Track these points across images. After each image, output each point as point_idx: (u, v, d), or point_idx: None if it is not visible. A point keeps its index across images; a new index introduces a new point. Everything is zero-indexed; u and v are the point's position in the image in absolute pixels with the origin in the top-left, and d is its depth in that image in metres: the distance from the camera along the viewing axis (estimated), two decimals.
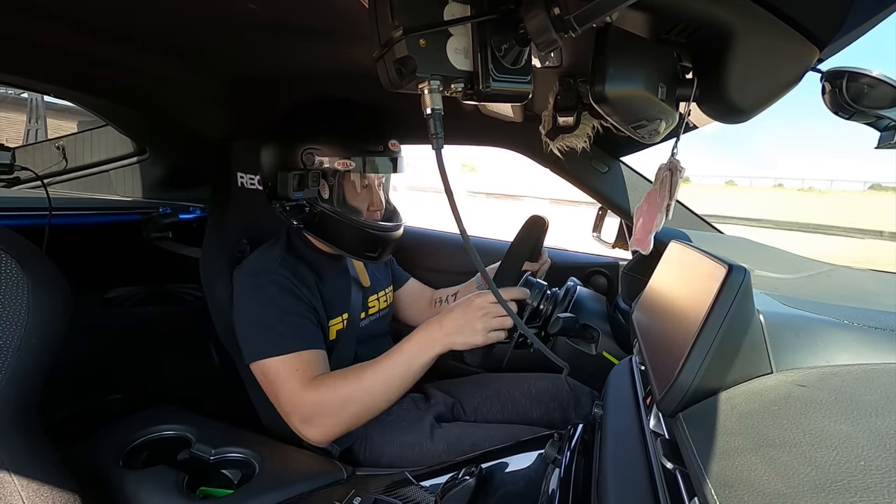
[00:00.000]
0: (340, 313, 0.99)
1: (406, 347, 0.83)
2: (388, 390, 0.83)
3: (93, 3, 0.72)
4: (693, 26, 0.53)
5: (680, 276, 0.54)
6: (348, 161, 0.89)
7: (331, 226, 0.94)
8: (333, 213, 0.93)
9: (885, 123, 0.54)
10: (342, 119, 0.94)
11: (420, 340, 0.83)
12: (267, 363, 0.86)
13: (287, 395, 0.84)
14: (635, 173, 1.14)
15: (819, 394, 0.36)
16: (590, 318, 0.82)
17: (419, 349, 0.82)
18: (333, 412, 0.82)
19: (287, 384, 0.84)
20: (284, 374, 0.84)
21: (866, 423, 0.32)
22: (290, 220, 0.94)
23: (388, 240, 0.99)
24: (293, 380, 0.83)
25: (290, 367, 0.85)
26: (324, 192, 0.93)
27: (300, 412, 0.83)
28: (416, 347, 0.82)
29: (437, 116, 0.43)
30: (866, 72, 0.51)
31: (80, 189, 1.78)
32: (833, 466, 0.28)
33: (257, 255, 0.97)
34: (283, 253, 0.95)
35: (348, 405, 0.82)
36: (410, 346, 0.83)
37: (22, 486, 0.58)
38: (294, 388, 0.83)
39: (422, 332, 0.83)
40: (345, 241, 0.96)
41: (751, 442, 0.33)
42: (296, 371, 0.84)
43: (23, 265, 0.60)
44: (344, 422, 0.83)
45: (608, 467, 0.47)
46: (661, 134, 0.62)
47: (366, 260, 1.00)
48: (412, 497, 0.69)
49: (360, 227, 0.94)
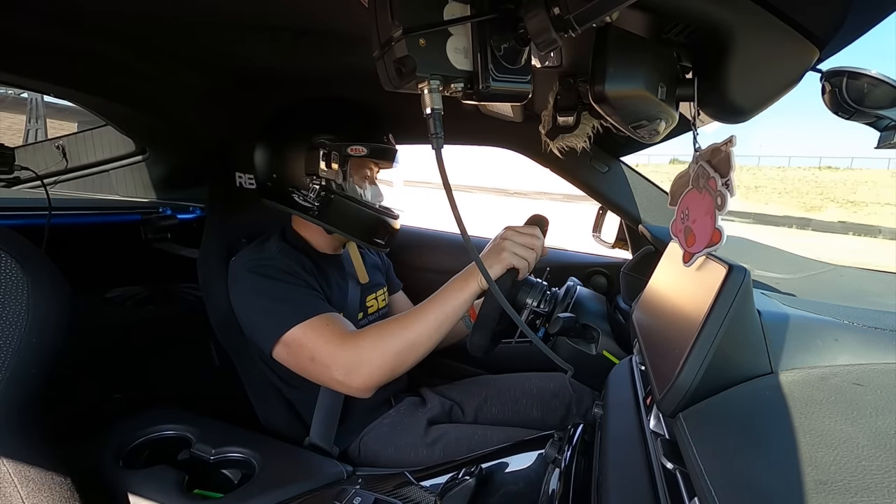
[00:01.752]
0: (338, 311, 0.99)
1: (441, 292, 0.83)
2: (428, 334, 0.80)
3: (93, 3, 0.72)
4: (693, 26, 0.53)
5: (680, 276, 0.54)
6: (360, 147, 0.91)
7: (343, 211, 0.94)
8: (348, 197, 0.94)
9: (885, 123, 0.54)
10: (345, 112, 0.97)
11: (454, 283, 0.82)
12: (293, 333, 0.83)
13: (323, 350, 0.81)
14: (636, 174, 1.14)
15: (819, 394, 0.36)
16: (590, 318, 0.82)
17: (455, 289, 0.81)
18: (377, 358, 0.80)
19: (321, 341, 0.82)
20: (316, 334, 0.83)
21: (866, 423, 0.32)
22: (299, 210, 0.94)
23: (394, 229, 1.01)
24: (327, 336, 0.82)
25: (319, 326, 0.83)
26: (338, 178, 0.93)
27: (342, 363, 0.81)
28: (452, 289, 0.82)
29: (437, 116, 0.43)
30: (866, 72, 0.51)
31: (80, 189, 1.78)
32: (833, 466, 0.28)
33: (253, 247, 0.97)
34: (282, 245, 0.95)
35: (392, 350, 0.80)
36: (446, 289, 0.82)
37: (22, 485, 0.58)
38: (330, 342, 0.81)
39: (453, 278, 0.84)
40: (357, 226, 0.96)
41: (751, 442, 0.33)
42: (326, 327, 0.83)
43: (23, 265, 0.60)
44: (389, 366, 0.80)
45: (608, 467, 0.47)
46: (661, 134, 0.62)
47: (375, 247, 1.00)
48: (412, 497, 0.69)
49: (374, 212, 0.96)
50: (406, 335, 0.80)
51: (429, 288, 1.32)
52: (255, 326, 0.89)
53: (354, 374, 0.80)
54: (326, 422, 0.93)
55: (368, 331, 0.83)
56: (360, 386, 0.81)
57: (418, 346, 0.81)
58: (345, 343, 0.81)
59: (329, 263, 1.02)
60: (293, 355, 0.85)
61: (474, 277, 0.81)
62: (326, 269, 1.00)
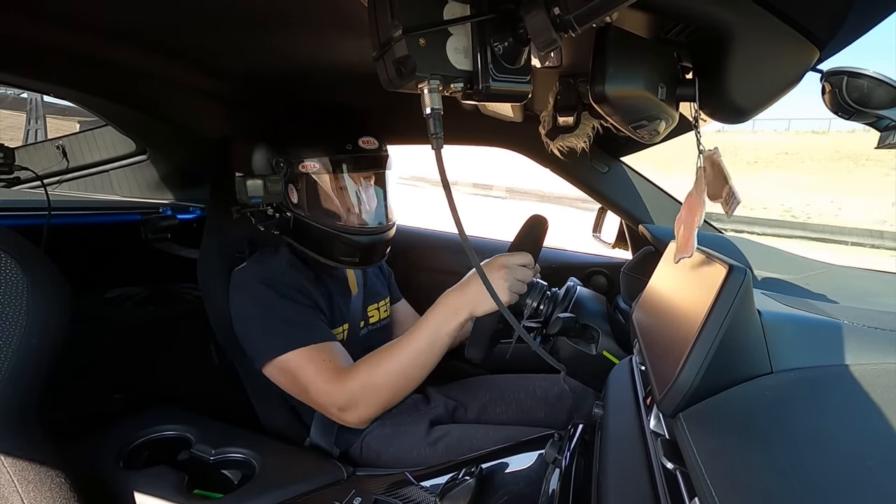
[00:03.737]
0: (341, 323, 0.98)
1: (430, 318, 0.81)
2: (419, 364, 0.81)
3: (92, 3, 0.72)
4: (693, 26, 0.53)
5: (680, 276, 0.54)
6: (312, 163, 0.88)
7: (303, 230, 0.92)
8: (304, 217, 0.91)
9: (885, 123, 0.54)
10: (306, 122, 0.93)
11: (443, 310, 0.80)
12: (287, 358, 0.83)
13: (320, 386, 0.82)
14: (636, 174, 1.14)
15: (819, 394, 0.36)
16: (590, 318, 0.82)
17: (443, 318, 0.80)
18: (371, 395, 0.81)
19: (318, 376, 0.82)
20: (311, 365, 0.83)
21: (866, 423, 0.32)
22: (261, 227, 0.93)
23: (367, 244, 0.94)
24: (323, 371, 0.82)
25: (317, 357, 0.83)
26: (293, 197, 0.91)
27: (338, 401, 0.82)
28: (440, 317, 0.80)
29: (437, 116, 0.43)
30: (866, 72, 0.51)
31: (81, 189, 1.78)
32: (833, 466, 0.28)
33: (261, 259, 0.95)
34: (290, 257, 0.94)
35: (385, 385, 0.81)
36: (434, 316, 0.81)
37: (22, 485, 0.58)
38: (325, 379, 0.82)
39: (443, 301, 0.81)
40: (319, 246, 0.94)
41: (751, 442, 0.33)
42: (323, 362, 0.83)
43: (22, 265, 0.60)
44: (384, 400, 0.83)
45: (608, 467, 0.47)
46: (661, 134, 0.62)
47: (345, 265, 0.97)
48: (412, 497, 0.69)
49: (332, 232, 0.91)
50: (398, 369, 0.81)
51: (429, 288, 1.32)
52: (251, 339, 0.89)
53: (350, 412, 0.83)
54: (327, 422, 0.93)
55: (362, 367, 0.83)
56: (356, 421, 0.84)
57: (411, 379, 0.82)
58: (339, 379, 0.82)
59: (331, 275, 1.01)
60: (287, 379, 0.86)
61: (464, 307, 0.79)
62: (329, 280, 0.99)
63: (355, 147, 0.91)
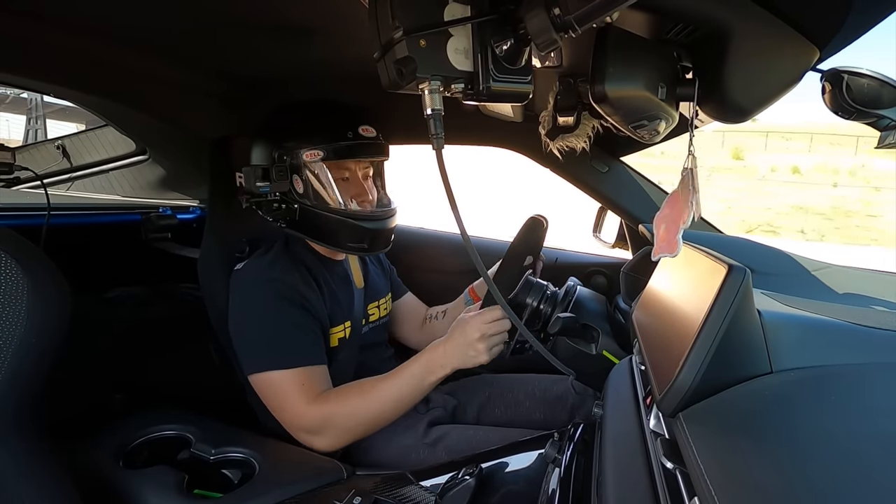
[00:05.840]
0: (342, 321, 0.98)
1: (414, 369, 0.85)
2: (396, 408, 0.85)
3: (92, 3, 0.72)
4: (693, 26, 0.53)
5: (680, 276, 0.54)
6: (315, 152, 0.89)
7: (310, 220, 0.93)
8: (311, 207, 0.92)
9: (886, 123, 0.54)
10: (306, 114, 0.95)
11: (426, 364, 0.85)
12: (269, 376, 0.86)
13: (292, 408, 0.85)
14: (636, 174, 1.14)
15: (819, 394, 0.36)
16: (590, 317, 0.82)
17: (426, 372, 0.84)
18: (341, 426, 0.85)
19: (292, 399, 0.84)
20: (290, 388, 0.85)
21: (866, 423, 0.32)
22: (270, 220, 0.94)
23: (375, 230, 0.95)
24: (299, 395, 0.84)
25: (296, 381, 0.85)
26: (298, 187, 0.92)
27: (307, 425, 0.85)
28: (423, 370, 0.84)
29: (437, 117, 0.43)
30: (866, 72, 0.51)
31: (81, 189, 1.78)
32: (833, 466, 0.28)
33: (257, 260, 0.95)
34: (285, 259, 0.94)
35: (355, 420, 0.85)
36: (418, 367, 0.85)
37: (22, 486, 0.58)
38: (300, 402, 0.84)
39: (427, 355, 0.85)
40: (327, 234, 0.94)
41: (751, 442, 0.33)
42: (301, 386, 0.85)
43: (22, 265, 0.60)
44: (352, 434, 0.86)
45: (608, 467, 0.47)
46: (661, 134, 0.62)
47: (353, 252, 0.98)
48: (412, 497, 0.69)
49: (340, 219, 0.92)
50: (376, 408, 0.85)
51: (429, 288, 1.32)
52: (243, 346, 0.91)
53: (318, 438, 0.85)
54: None
55: (340, 398, 0.86)
56: (323, 447, 0.86)
57: (387, 419, 0.86)
58: (316, 406, 0.84)
59: (332, 271, 1.00)
60: (266, 394, 0.88)
61: (450, 363, 0.83)
62: (329, 277, 0.99)
63: (356, 135, 0.93)
